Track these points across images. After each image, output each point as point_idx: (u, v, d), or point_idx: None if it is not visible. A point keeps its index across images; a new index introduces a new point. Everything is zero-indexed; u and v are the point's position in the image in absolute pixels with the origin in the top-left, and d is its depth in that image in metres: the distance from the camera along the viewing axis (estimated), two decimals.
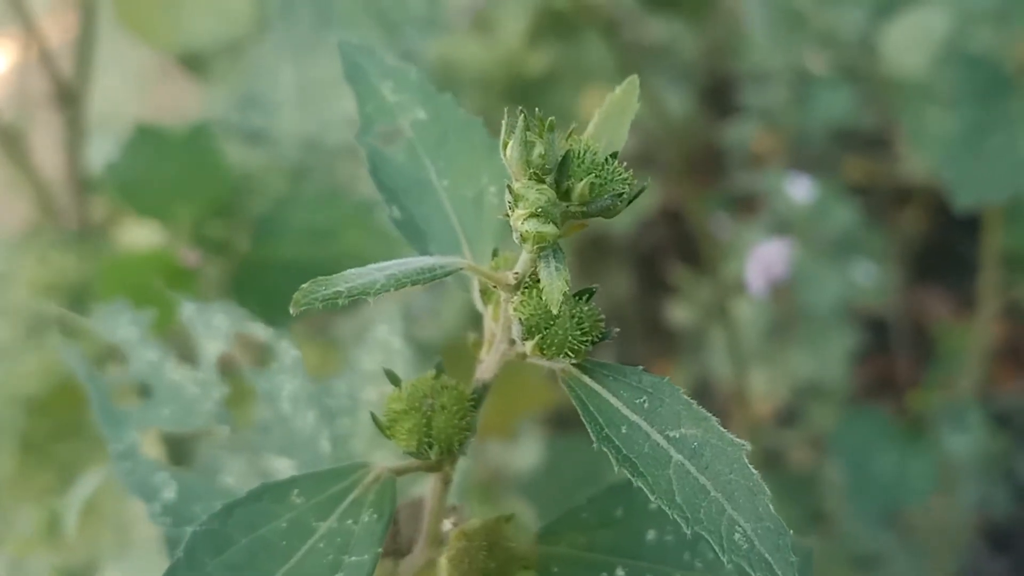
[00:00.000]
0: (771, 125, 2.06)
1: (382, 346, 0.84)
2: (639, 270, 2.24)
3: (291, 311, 0.43)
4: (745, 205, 2.12)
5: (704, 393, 2.05)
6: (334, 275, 0.45)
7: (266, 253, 1.09)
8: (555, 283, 0.45)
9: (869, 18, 1.89)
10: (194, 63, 1.28)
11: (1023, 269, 1.79)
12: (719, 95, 2.28)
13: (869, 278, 1.86)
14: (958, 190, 1.40)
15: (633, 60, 1.87)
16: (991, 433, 1.79)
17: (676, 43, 2.17)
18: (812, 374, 1.87)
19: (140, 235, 1.37)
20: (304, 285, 0.44)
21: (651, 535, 0.58)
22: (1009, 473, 1.87)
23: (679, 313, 1.98)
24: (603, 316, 0.50)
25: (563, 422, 1.84)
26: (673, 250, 2.19)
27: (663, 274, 2.09)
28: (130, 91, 1.87)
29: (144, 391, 0.68)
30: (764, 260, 1.61)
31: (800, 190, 1.81)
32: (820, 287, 1.79)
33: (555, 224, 0.45)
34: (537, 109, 0.47)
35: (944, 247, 2.13)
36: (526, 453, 1.68)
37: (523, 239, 0.46)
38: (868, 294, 1.89)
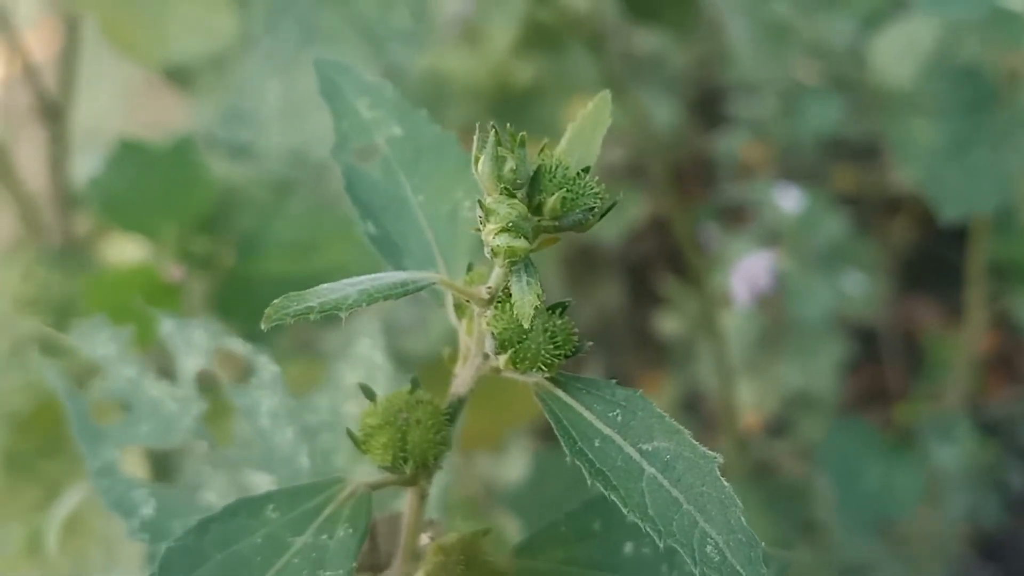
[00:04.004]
0: (760, 136, 2.07)
1: (364, 361, 0.84)
2: (629, 281, 2.24)
3: (263, 326, 0.43)
4: (735, 216, 2.13)
5: (694, 404, 2.05)
6: (306, 290, 0.45)
7: (251, 267, 1.09)
8: (526, 297, 0.45)
9: (858, 29, 1.89)
10: (180, 77, 1.29)
11: (1011, 279, 1.79)
12: (708, 106, 2.28)
13: (858, 288, 1.86)
14: (944, 202, 1.40)
15: (622, 72, 1.87)
16: (980, 443, 1.79)
17: (665, 55, 2.18)
18: (802, 385, 1.87)
19: (126, 250, 1.37)
20: (276, 300, 0.44)
21: (629, 548, 0.58)
22: (999, 483, 1.87)
23: (668, 324, 1.98)
24: (577, 330, 0.50)
25: (551, 434, 1.83)
26: (663, 261, 2.19)
27: (653, 285, 2.09)
28: (116, 106, 1.87)
29: (124, 408, 0.68)
30: (749, 272, 1.61)
31: (789, 200, 1.81)
32: (809, 298, 1.79)
33: (526, 239, 0.46)
34: (509, 124, 0.47)
35: (934, 257, 2.13)
36: (514, 465, 1.67)
37: (494, 254, 0.46)
38: (857, 304, 1.89)
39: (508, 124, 0.48)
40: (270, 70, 1.16)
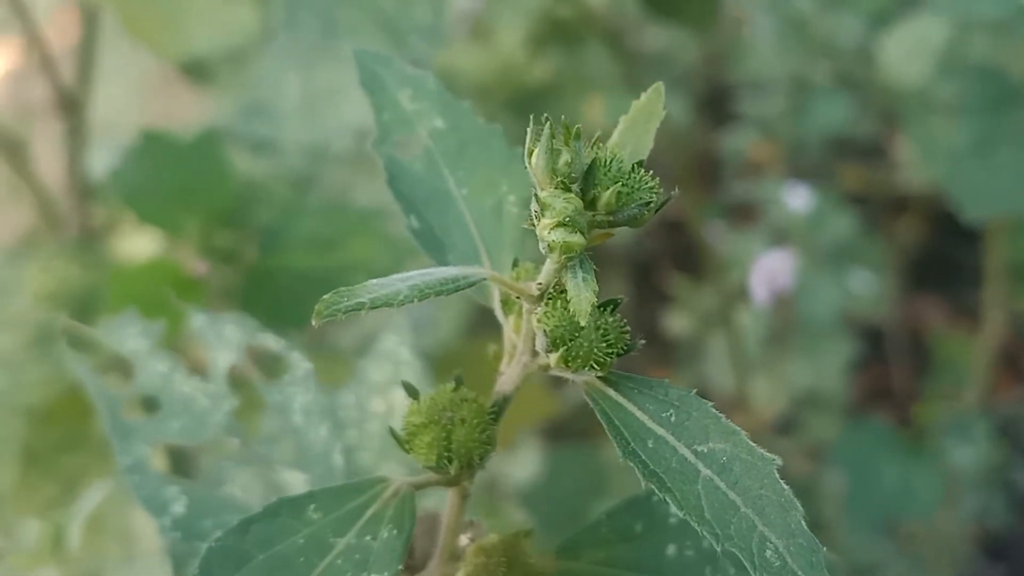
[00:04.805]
0: (768, 134, 2.06)
1: (390, 357, 0.83)
2: (636, 279, 2.23)
3: (313, 322, 0.42)
4: (742, 214, 2.12)
5: None
6: (356, 286, 0.44)
7: (273, 262, 1.08)
8: (583, 294, 0.44)
9: (867, 27, 1.89)
10: (198, 72, 1.28)
11: (1020, 279, 1.79)
12: (716, 104, 2.27)
13: (866, 287, 1.86)
14: (966, 202, 1.39)
15: (632, 68, 1.86)
16: (993, 444, 1.79)
17: (674, 51, 2.17)
18: (810, 383, 1.86)
19: (138, 243, 1.36)
20: (326, 296, 0.43)
21: (671, 550, 0.57)
22: (1007, 483, 1.87)
23: (677, 322, 1.98)
24: (628, 328, 0.49)
25: (560, 433, 1.83)
26: (670, 259, 2.18)
27: (660, 283, 2.08)
28: (131, 99, 1.86)
29: (152, 403, 0.67)
30: (768, 271, 1.60)
31: (798, 199, 1.81)
32: (818, 296, 1.79)
33: (582, 234, 0.45)
34: (545, 116, 0.46)
35: (940, 256, 2.13)
36: (524, 464, 1.66)
37: (550, 249, 0.45)
38: (865, 303, 1.88)
39: (547, 119, 0.46)
40: (289, 64, 1.15)
